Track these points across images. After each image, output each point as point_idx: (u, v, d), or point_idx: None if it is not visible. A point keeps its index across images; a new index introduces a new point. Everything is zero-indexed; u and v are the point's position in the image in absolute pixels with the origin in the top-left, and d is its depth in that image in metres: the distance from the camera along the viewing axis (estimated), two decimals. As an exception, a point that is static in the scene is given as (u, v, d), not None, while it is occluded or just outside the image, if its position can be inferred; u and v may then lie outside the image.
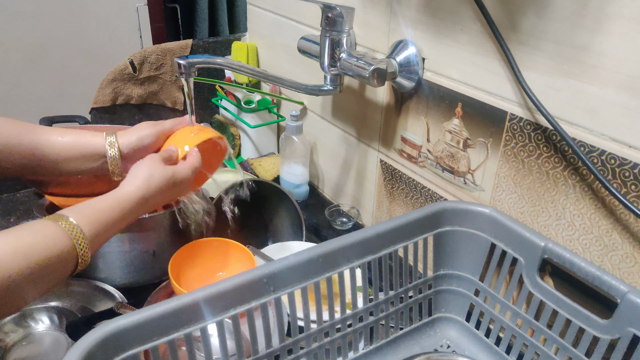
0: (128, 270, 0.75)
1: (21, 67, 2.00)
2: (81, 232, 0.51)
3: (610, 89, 0.50)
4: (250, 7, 1.18)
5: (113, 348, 0.46)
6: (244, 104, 1.10)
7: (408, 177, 0.81)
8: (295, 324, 0.57)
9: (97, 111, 1.13)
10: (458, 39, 0.65)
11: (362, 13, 0.80)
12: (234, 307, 0.52)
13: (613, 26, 0.49)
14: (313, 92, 0.82)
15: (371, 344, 0.65)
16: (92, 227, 0.53)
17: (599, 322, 0.51)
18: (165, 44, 1.15)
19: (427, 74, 0.72)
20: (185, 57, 0.68)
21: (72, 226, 0.51)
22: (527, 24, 0.56)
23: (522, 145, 0.61)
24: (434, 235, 0.65)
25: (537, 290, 0.57)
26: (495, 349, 0.64)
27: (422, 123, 0.75)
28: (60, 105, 1.88)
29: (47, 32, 2.00)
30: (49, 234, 0.49)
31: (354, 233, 0.59)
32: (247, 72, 0.78)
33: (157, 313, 0.47)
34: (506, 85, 0.61)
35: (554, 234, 0.60)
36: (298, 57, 0.96)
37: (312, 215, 0.98)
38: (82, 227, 0.52)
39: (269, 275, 0.53)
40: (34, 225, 0.50)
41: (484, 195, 0.68)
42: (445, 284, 0.69)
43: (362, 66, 0.71)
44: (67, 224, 0.51)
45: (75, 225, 0.51)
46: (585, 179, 0.55)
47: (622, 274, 0.54)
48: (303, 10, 0.96)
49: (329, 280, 0.58)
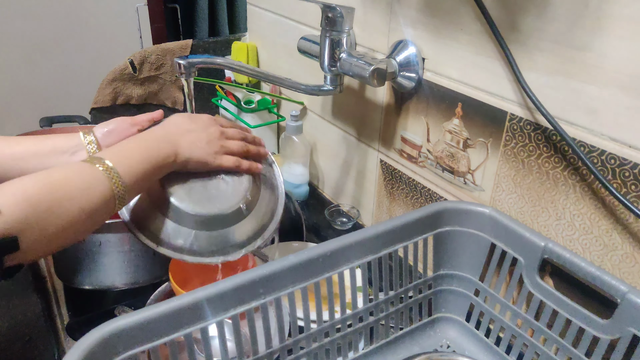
0: (128, 270, 0.74)
1: (21, 67, 2.00)
2: (116, 171, 0.54)
3: (610, 89, 0.50)
4: (250, 7, 1.18)
5: (113, 348, 0.46)
6: (244, 104, 1.10)
7: (408, 177, 0.81)
8: (295, 324, 0.57)
9: (97, 111, 1.13)
10: (458, 39, 0.65)
11: (362, 13, 0.80)
12: (234, 307, 0.52)
13: (613, 26, 0.49)
14: (313, 92, 0.82)
15: (371, 344, 0.65)
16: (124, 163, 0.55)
17: (599, 322, 0.51)
18: (165, 44, 1.15)
19: (427, 74, 0.72)
20: (185, 57, 0.68)
21: (105, 165, 0.54)
22: (527, 24, 0.56)
23: (522, 145, 0.61)
24: (434, 235, 0.65)
25: (537, 290, 0.57)
26: (495, 349, 0.64)
27: (422, 123, 0.75)
28: (60, 105, 1.88)
29: (47, 32, 2.00)
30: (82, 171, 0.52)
31: (354, 233, 0.59)
32: (247, 72, 0.78)
33: (157, 313, 0.47)
34: (506, 85, 0.61)
35: (554, 234, 0.60)
36: (298, 57, 0.96)
37: (312, 215, 0.98)
38: (115, 165, 0.54)
39: (269, 275, 0.53)
40: (69, 165, 0.53)
41: (484, 195, 0.68)
42: (445, 284, 0.69)
43: (362, 66, 0.71)
44: (101, 164, 0.53)
45: (108, 163, 0.54)
46: (585, 179, 0.55)
47: (622, 274, 0.54)
48: (303, 10, 0.96)
49: (329, 280, 0.58)
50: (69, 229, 0.49)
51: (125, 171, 0.55)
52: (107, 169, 0.53)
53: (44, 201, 0.47)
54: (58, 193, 0.48)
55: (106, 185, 0.53)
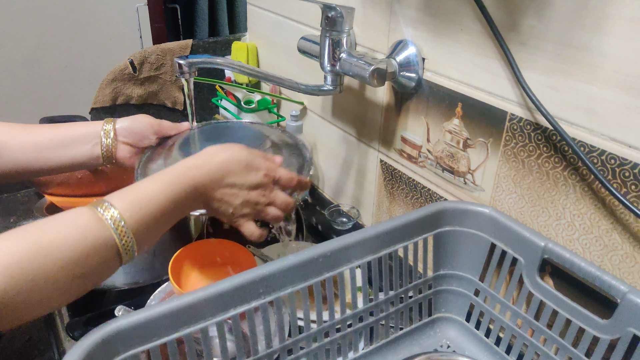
0: (128, 270, 0.75)
1: (21, 67, 2.00)
2: (121, 218, 0.45)
3: (610, 89, 0.50)
4: (250, 7, 1.18)
5: (113, 348, 0.46)
6: (244, 104, 1.10)
7: (408, 177, 0.81)
8: (295, 324, 0.57)
9: (97, 111, 1.13)
10: (458, 39, 0.65)
11: (362, 13, 0.80)
12: (234, 307, 0.52)
13: (613, 26, 0.49)
14: (313, 92, 0.82)
15: (371, 344, 0.65)
16: (134, 210, 0.46)
17: (599, 322, 0.51)
18: (165, 44, 1.15)
19: (427, 74, 0.72)
20: (185, 57, 0.68)
21: (110, 212, 0.45)
22: (527, 24, 0.56)
23: (522, 145, 0.61)
24: (434, 235, 0.65)
25: (537, 290, 0.57)
26: (495, 349, 0.64)
27: (422, 123, 0.75)
28: (60, 105, 1.88)
29: (47, 32, 2.00)
30: (81, 224, 0.43)
31: (354, 233, 0.59)
32: (247, 72, 0.78)
33: (157, 313, 0.47)
34: (506, 85, 0.61)
35: (554, 234, 0.60)
36: (298, 57, 0.96)
37: (312, 215, 0.98)
38: (122, 212, 0.45)
39: (269, 275, 0.53)
40: (67, 215, 0.44)
41: (484, 195, 0.68)
42: (445, 284, 0.69)
43: (362, 66, 0.71)
44: (105, 209, 0.45)
45: (112, 209, 0.45)
46: (585, 179, 0.55)
47: (622, 274, 0.54)
48: (303, 10, 0.96)
49: (329, 280, 0.58)
50: (60, 297, 0.43)
51: (137, 222, 0.46)
52: (114, 221, 0.45)
53: (28, 270, 0.39)
54: (47, 259, 0.41)
55: (110, 243, 0.45)
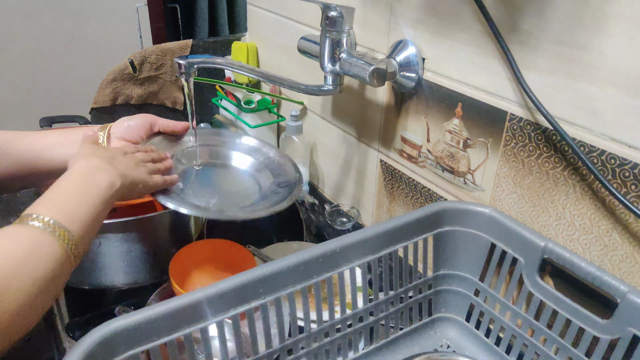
0: (128, 271, 0.74)
1: (21, 67, 2.00)
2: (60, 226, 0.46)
3: (610, 88, 0.50)
4: (250, 7, 1.18)
5: (113, 348, 0.46)
6: (244, 104, 1.10)
7: (408, 177, 0.81)
8: (295, 324, 0.57)
9: (97, 111, 1.13)
10: (458, 39, 0.65)
11: (362, 13, 0.80)
12: (234, 307, 0.52)
13: (613, 26, 0.49)
14: (313, 92, 0.82)
15: (371, 344, 0.65)
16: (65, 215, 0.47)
17: (599, 322, 0.51)
18: (165, 44, 1.15)
19: (427, 74, 0.72)
20: (185, 57, 0.68)
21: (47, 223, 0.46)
22: (527, 24, 0.56)
23: (522, 145, 0.61)
24: (434, 235, 0.65)
25: (537, 290, 0.57)
26: (495, 349, 0.64)
27: (422, 123, 0.75)
28: (60, 105, 1.88)
29: (47, 32, 2.00)
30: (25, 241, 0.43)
31: (354, 233, 0.59)
32: (247, 72, 0.78)
33: (157, 313, 0.47)
34: (506, 85, 0.61)
35: (554, 234, 0.60)
36: (298, 57, 0.96)
37: (312, 215, 0.98)
38: (57, 219, 0.46)
39: (269, 275, 0.53)
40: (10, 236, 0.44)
41: (484, 195, 0.68)
42: (445, 284, 0.69)
43: (362, 66, 0.71)
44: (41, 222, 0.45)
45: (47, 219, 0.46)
46: (585, 179, 0.55)
47: (622, 274, 0.54)
48: (303, 10, 0.96)
49: (329, 280, 0.58)
50: (15, 319, 0.41)
51: (70, 219, 0.47)
52: (48, 226, 0.45)
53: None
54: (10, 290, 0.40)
55: (54, 247, 0.45)
